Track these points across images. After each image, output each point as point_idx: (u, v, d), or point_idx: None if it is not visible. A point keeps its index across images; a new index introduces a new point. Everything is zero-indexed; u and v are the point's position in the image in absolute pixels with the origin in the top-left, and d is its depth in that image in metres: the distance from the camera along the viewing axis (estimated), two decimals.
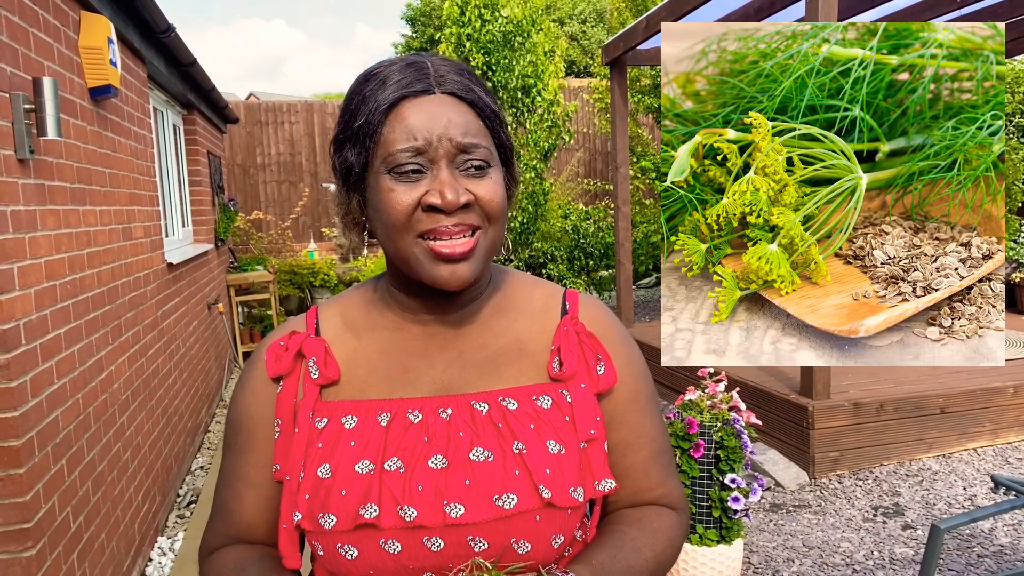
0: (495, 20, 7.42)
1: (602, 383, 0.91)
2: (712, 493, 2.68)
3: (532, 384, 0.90)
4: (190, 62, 4.93)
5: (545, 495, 0.80)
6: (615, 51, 6.14)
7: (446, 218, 0.82)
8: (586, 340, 0.93)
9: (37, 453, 2.19)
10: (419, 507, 0.79)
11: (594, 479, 0.86)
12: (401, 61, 0.86)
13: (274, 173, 10.43)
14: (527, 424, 0.85)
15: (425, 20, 18.18)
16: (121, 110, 3.50)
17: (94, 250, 2.92)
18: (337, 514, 0.81)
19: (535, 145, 7.84)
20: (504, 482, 0.81)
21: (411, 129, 0.82)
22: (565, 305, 0.96)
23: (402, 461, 0.82)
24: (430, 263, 0.83)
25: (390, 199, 0.83)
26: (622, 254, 6.35)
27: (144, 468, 3.39)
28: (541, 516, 0.81)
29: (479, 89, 0.86)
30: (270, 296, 7.51)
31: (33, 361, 2.23)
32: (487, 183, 0.84)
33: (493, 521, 0.79)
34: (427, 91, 0.83)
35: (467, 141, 0.83)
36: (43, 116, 2.26)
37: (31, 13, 2.41)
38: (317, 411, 0.88)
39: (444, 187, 0.81)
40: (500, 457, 0.82)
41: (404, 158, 0.82)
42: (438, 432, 0.85)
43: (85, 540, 2.53)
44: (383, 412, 0.87)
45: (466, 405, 0.87)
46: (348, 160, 0.86)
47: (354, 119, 0.85)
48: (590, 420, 0.88)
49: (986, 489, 3.61)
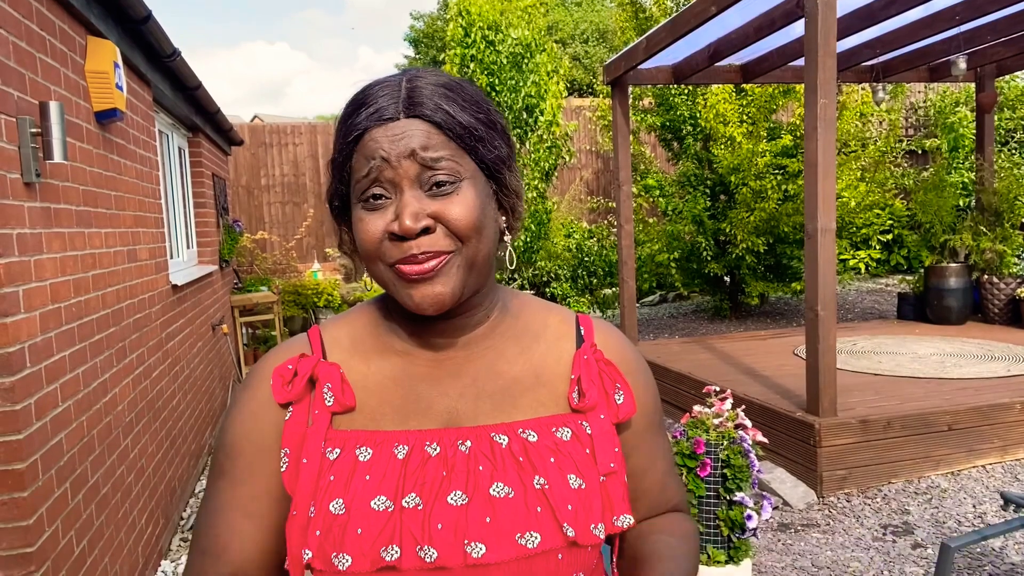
0: (503, 41, 7.48)
1: (621, 412, 0.89)
2: (720, 512, 2.66)
3: (551, 415, 0.87)
4: (195, 85, 4.97)
5: (569, 534, 0.78)
6: (616, 71, 6.18)
7: (411, 244, 0.79)
8: (605, 369, 0.90)
9: (41, 476, 2.19)
10: (439, 547, 0.76)
11: (613, 514, 0.84)
12: (382, 83, 0.84)
13: (278, 194, 10.49)
14: (547, 457, 0.82)
15: (428, 42, 18.33)
16: (127, 133, 3.52)
17: (99, 272, 2.93)
18: (353, 554, 0.76)
19: (536, 165, 7.88)
20: (527, 520, 0.78)
21: (371, 153, 0.80)
22: (580, 331, 0.94)
23: (420, 497, 0.79)
24: (402, 287, 0.82)
25: (360, 229, 0.82)
26: (625, 272, 6.35)
27: (148, 491, 3.37)
28: (564, 555, 0.78)
29: (453, 106, 0.82)
30: (274, 317, 7.52)
31: (38, 384, 2.23)
32: (455, 200, 0.81)
33: (515, 560, 0.77)
34: (393, 118, 0.81)
35: (428, 155, 0.80)
36: (49, 140, 2.27)
37: (38, 38, 2.44)
38: (329, 440, 0.84)
39: (403, 211, 0.79)
40: (521, 493, 0.79)
41: (366, 184, 0.81)
42: (457, 466, 0.81)
43: (88, 564, 2.52)
44: (399, 444, 0.83)
45: (486, 437, 0.83)
46: (332, 192, 0.88)
47: (335, 151, 0.86)
48: (610, 452, 0.86)
49: (996, 506, 3.57)
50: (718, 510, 2.66)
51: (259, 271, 9.17)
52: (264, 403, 0.87)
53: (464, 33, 7.62)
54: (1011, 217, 6.71)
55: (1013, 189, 6.75)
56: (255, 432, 0.87)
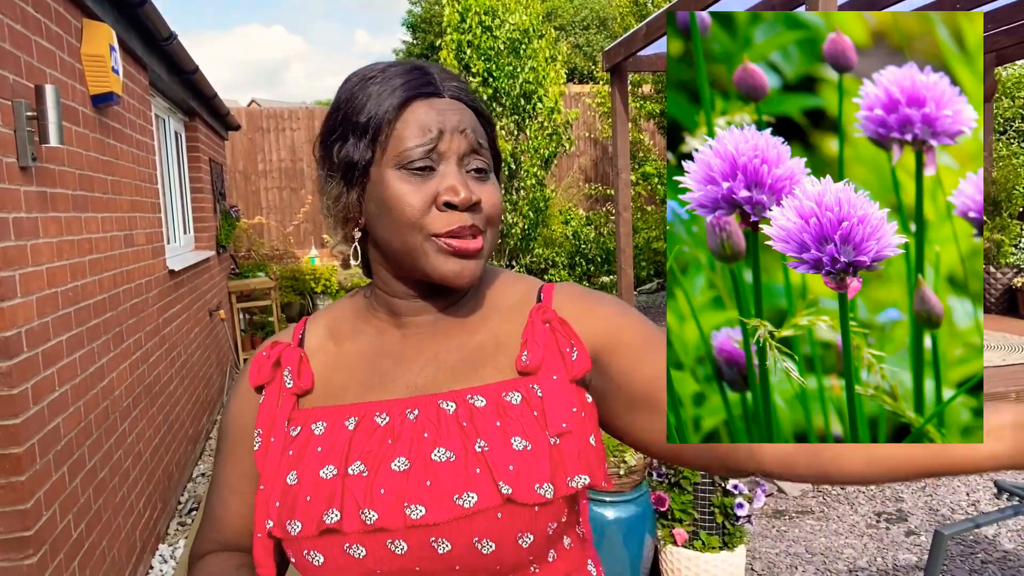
0: (500, 27, 7.44)
1: (576, 369, 0.87)
2: (715, 499, 2.67)
3: (503, 380, 0.88)
4: (192, 69, 4.95)
5: (505, 491, 0.79)
6: (616, 57, 6.16)
7: (460, 216, 0.83)
8: (559, 327, 0.89)
9: (38, 460, 2.19)
10: (380, 510, 0.79)
11: (567, 475, 0.83)
12: (401, 65, 0.87)
13: (275, 180, 10.46)
14: (493, 421, 0.83)
15: (426, 27, 18.23)
16: (123, 117, 3.51)
17: (96, 257, 2.92)
18: (302, 520, 0.81)
19: (535, 152, 7.86)
20: (465, 481, 0.79)
21: (424, 124, 0.83)
22: (540, 297, 0.94)
23: (365, 464, 0.82)
24: (441, 258, 0.84)
25: (401, 196, 0.83)
26: (623, 260, 6.36)
27: (145, 475, 3.38)
28: (503, 513, 0.79)
29: (477, 98, 0.90)
30: (271, 303, 7.52)
31: (34, 368, 2.23)
32: (489, 187, 0.87)
33: (454, 521, 0.78)
34: (436, 93, 0.85)
35: (478, 139, 0.86)
36: (45, 124, 2.26)
37: (33, 21, 2.42)
38: (292, 420, 0.90)
39: (458, 184, 0.83)
40: (462, 456, 0.81)
41: (418, 154, 0.83)
42: (403, 434, 0.84)
43: (86, 548, 2.53)
44: (351, 416, 0.87)
45: (433, 405, 0.85)
46: (349, 154, 0.85)
47: (357, 114, 0.85)
48: (563, 413, 0.85)
49: (989, 495, 3.60)
50: (713, 497, 2.68)
51: (256, 257, 9.16)
52: (246, 388, 0.95)
53: (460, 19, 7.58)
54: (1009, 207, 6.72)
55: (1011, 179, 6.75)
56: (239, 415, 0.95)
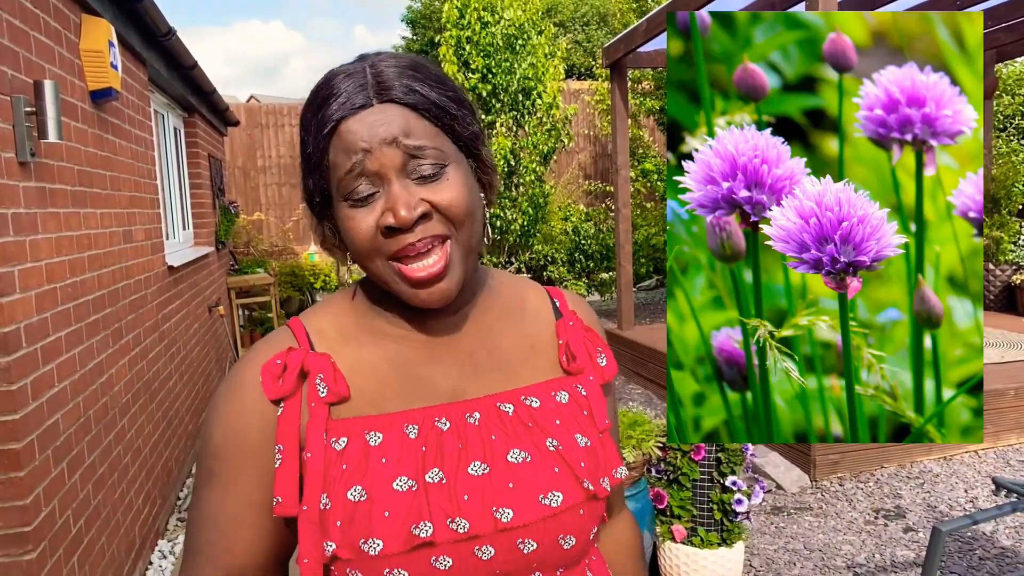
0: (496, 23, 7.42)
1: (606, 374, 0.94)
2: (713, 496, 2.68)
3: (548, 380, 0.90)
4: (191, 65, 4.94)
5: (588, 488, 0.82)
6: (615, 53, 6.15)
7: (408, 235, 0.78)
8: (587, 334, 0.94)
9: (38, 456, 2.19)
10: (469, 517, 0.77)
11: (612, 468, 0.89)
12: (343, 72, 0.82)
13: (275, 176, 10.45)
14: (553, 420, 0.86)
15: (425, 23, 18.20)
16: (122, 113, 3.50)
17: (95, 253, 2.92)
18: (383, 537, 0.76)
19: (534, 148, 7.85)
20: (548, 480, 0.81)
21: (350, 146, 0.78)
22: (554, 302, 0.97)
23: (443, 472, 0.80)
24: (406, 286, 0.81)
25: (349, 227, 0.80)
26: (622, 256, 6.35)
27: (145, 471, 3.38)
28: (585, 509, 0.82)
29: (423, 87, 0.80)
30: (271, 299, 7.52)
31: (34, 364, 2.23)
32: (445, 186, 0.80)
33: (542, 520, 0.80)
34: (365, 105, 0.79)
35: (411, 143, 0.78)
36: (44, 119, 2.26)
37: (32, 16, 2.42)
38: (331, 431, 0.82)
39: (396, 203, 0.77)
40: (537, 456, 0.82)
41: (351, 181, 0.79)
42: (471, 437, 0.82)
43: (85, 543, 2.53)
44: (409, 424, 0.82)
45: (492, 407, 0.85)
46: (310, 188, 0.84)
47: (305, 146, 0.82)
48: (603, 411, 0.90)
49: (987, 491, 3.61)
50: (712, 493, 2.68)
51: (255, 253, 9.16)
52: (250, 402, 0.84)
53: (459, 14, 7.56)
54: (1008, 204, 6.72)
55: (1011, 176, 6.75)
56: (242, 432, 0.84)
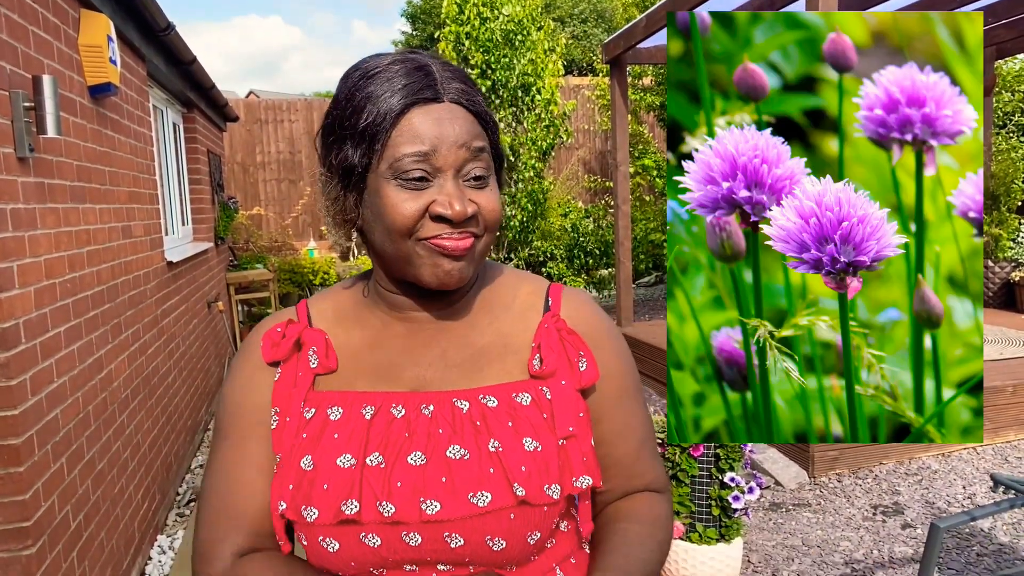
0: (495, 19, 7.41)
1: (584, 379, 0.92)
2: (712, 492, 2.68)
3: (513, 381, 0.90)
4: (190, 60, 4.92)
5: (519, 493, 0.81)
6: (615, 49, 6.14)
7: (451, 228, 0.83)
8: (567, 337, 0.93)
9: (37, 451, 2.19)
10: (397, 503, 0.81)
11: (572, 476, 0.86)
12: (404, 62, 0.85)
13: (274, 171, 10.43)
14: (505, 422, 0.86)
15: (425, 18, 18.16)
16: (121, 108, 3.49)
17: (94, 248, 2.92)
18: (319, 507, 0.82)
19: (533, 144, 7.84)
20: (479, 480, 0.82)
21: (420, 135, 0.82)
22: (548, 301, 0.97)
23: (383, 456, 0.84)
24: (429, 260, 0.84)
25: (393, 203, 0.83)
26: (622, 252, 6.35)
27: (144, 466, 3.39)
28: (516, 514, 0.82)
29: (480, 98, 0.87)
30: (270, 294, 7.52)
31: (33, 359, 2.23)
32: (488, 193, 0.86)
33: (468, 518, 0.81)
34: (435, 99, 0.83)
35: (474, 146, 0.84)
36: (43, 114, 2.25)
37: (31, 11, 2.41)
38: (308, 401, 0.90)
39: (452, 198, 0.82)
40: (476, 455, 0.83)
41: (411, 164, 0.82)
42: (419, 428, 0.85)
43: (85, 538, 2.53)
44: (368, 405, 0.88)
45: (448, 402, 0.88)
46: (349, 158, 0.85)
47: (357, 117, 0.83)
48: (570, 417, 0.89)
49: (985, 488, 3.62)
50: (710, 489, 2.69)
51: (255, 248, 9.15)
52: (257, 365, 0.93)
53: (458, 10, 7.55)
54: (1007, 201, 6.72)
55: (1010, 173, 6.75)
56: (252, 392, 0.93)
